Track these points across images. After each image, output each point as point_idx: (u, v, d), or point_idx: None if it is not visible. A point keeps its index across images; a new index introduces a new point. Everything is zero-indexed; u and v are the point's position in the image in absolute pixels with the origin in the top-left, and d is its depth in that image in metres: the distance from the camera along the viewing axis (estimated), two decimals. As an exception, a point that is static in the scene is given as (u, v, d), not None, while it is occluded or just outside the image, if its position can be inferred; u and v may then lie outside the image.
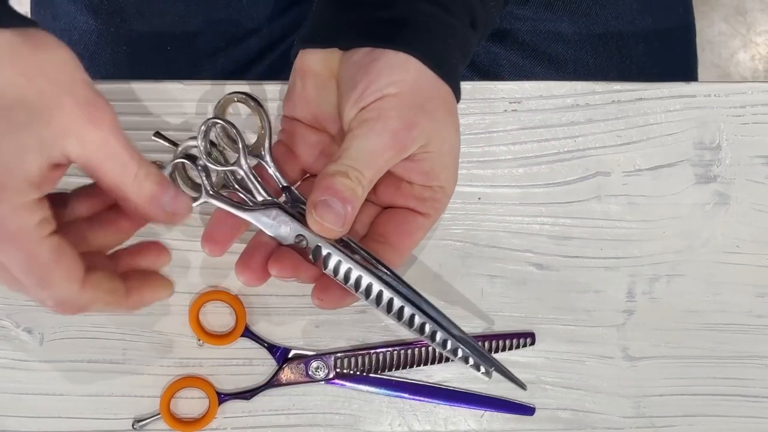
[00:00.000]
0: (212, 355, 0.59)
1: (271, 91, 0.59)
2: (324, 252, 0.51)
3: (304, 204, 0.52)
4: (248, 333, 0.59)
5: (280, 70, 0.81)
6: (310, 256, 0.52)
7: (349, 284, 0.52)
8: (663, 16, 0.75)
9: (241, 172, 0.53)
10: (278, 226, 0.52)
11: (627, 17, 0.73)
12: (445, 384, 0.60)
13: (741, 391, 0.61)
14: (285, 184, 0.54)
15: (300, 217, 0.52)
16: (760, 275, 0.61)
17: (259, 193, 0.53)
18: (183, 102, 0.58)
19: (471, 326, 0.60)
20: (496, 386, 0.60)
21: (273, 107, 0.59)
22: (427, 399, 0.60)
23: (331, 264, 0.51)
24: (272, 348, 0.59)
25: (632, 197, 0.60)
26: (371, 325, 0.60)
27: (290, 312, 0.60)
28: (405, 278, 0.52)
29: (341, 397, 0.60)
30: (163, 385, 0.59)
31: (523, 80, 0.60)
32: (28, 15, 0.65)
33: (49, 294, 0.47)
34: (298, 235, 0.52)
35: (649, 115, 0.60)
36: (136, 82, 0.58)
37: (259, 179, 0.53)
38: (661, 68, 0.75)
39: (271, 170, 0.54)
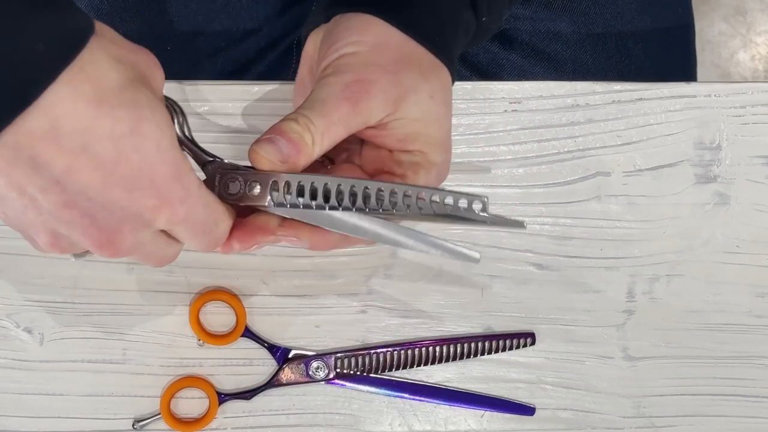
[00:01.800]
0: (212, 355, 0.59)
1: (271, 91, 0.59)
2: (272, 181, 0.49)
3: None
4: (248, 333, 0.59)
5: (280, 70, 0.81)
6: (269, 197, 0.49)
7: (303, 201, 0.49)
8: (662, 15, 0.75)
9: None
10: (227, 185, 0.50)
11: (626, 17, 0.73)
12: (445, 384, 0.60)
13: (741, 391, 0.61)
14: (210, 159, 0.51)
15: (245, 168, 0.50)
16: (760, 275, 0.61)
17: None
18: (183, 102, 0.58)
19: (471, 326, 0.60)
20: (497, 386, 0.61)
21: (273, 107, 0.59)
22: (427, 399, 0.60)
23: (281, 186, 0.49)
24: (272, 348, 0.59)
25: (632, 197, 0.60)
26: (371, 325, 0.60)
27: (290, 312, 0.60)
28: (404, 278, 0.52)
29: (341, 397, 0.60)
30: (163, 385, 0.60)
31: (522, 80, 0.60)
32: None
33: (214, 235, 0.48)
34: (249, 183, 0.49)
35: (649, 115, 0.60)
36: None
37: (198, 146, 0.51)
38: (660, 68, 0.75)
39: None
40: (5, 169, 0.41)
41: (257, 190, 0.49)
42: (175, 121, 0.50)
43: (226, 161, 0.50)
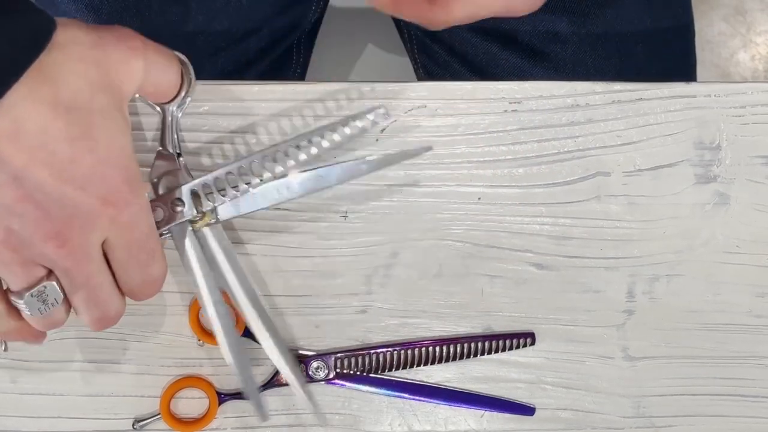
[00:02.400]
0: (212, 355, 0.59)
1: (271, 91, 0.59)
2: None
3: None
4: (248, 333, 0.59)
5: (280, 70, 0.81)
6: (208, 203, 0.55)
7: (232, 192, 0.55)
8: (662, 16, 0.75)
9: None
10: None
11: (626, 17, 0.73)
12: (445, 384, 0.60)
13: (741, 391, 0.61)
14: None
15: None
16: (760, 275, 0.61)
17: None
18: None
19: (471, 326, 0.60)
20: (497, 386, 0.61)
21: (273, 107, 0.59)
22: (427, 399, 0.60)
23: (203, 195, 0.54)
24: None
25: (632, 197, 0.60)
26: (371, 325, 0.60)
27: (290, 312, 0.60)
28: (404, 278, 0.52)
29: (341, 397, 0.60)
30: (163, 385, 0.60)
31: (522, 80, 0.60)
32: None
33: (148, 272, 0.52)
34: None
35: (649, 115, 0.60)
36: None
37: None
38: (660, 68, 0.75)
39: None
40: None
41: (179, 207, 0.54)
42: (183, 88, 0.54)
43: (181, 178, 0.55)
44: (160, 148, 0.55)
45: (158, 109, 0.55)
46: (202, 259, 0.55)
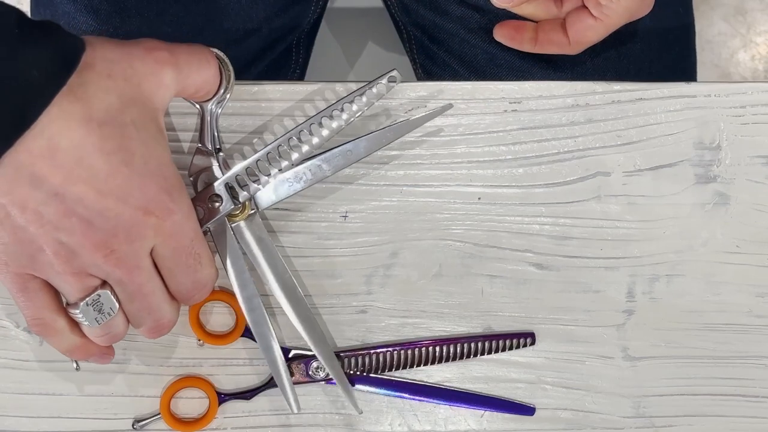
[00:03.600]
0: (212, 355, 0.59)
1: (271, 91, 0.59)
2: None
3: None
4: (248, 333, 0.59)
5: (279, 71, 0.81)
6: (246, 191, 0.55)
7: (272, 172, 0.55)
8: (662, 15, 0.75)
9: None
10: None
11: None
12: (445, 384, 0.60)
13: (741, 391, 0.61)
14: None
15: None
16: (760, 275, 0.61)
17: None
18: (183, 102, 0.58)
19: (471, 326, 0.60)
20: (497, 386, 0.61)
21: (272, 107, 0.59)
22: (427, 399, 0.60)
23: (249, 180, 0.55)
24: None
25: (632, 197, 0.60)
26: (371, 325, 0.60)
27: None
28: (404, 278, 0.53)
29: (341, 397, 0.60)
30: (163, 385, 0.60)
31: (522, 80, 0.60)
32: (28, 14, 0.65)
33: (197, 277, 0.52)
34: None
35: (649, 115, 0.60)
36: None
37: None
38: (660, 68, 0.75)
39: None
40: (8, 188, 0.46)
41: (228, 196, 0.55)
42: (222, 85, 0.54)
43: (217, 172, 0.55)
44: (199, 145, 0.56)
45: (198, 106, 0.55)
46: (239, 256, 0.56)
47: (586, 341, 0.61)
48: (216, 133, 0.56)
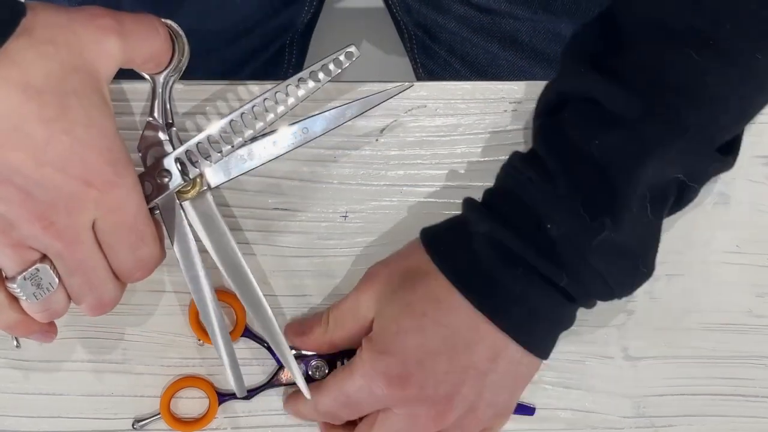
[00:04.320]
0: (212, 355, 0.59)
1: (260, 92, 0.58)
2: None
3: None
4: (248, 333, 0.59)
5: (272, 71, 0.81)
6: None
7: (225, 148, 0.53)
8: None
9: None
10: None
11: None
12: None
13: (741, 391, 0.61)
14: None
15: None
16: (760, 275, 0.61)
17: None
18: (176, 102, 0.58)
19: (471, 326, 0.60)
20: (496, 386, 0.61)
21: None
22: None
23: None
24: (272, 348, 0.59)
25: (632, 197, 0.60)
26: (371, 325, 0.60)
27: (290, 312, 0.60)
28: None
29: (341, 397, 0.60)
30: (163, 385, 0.59)
31: (522, 80, 0.60)
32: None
33: (139, 254, 0.51)
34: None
35: (649, 115, 0.60)
36: (128, 82, 0.57)
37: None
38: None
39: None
40: None
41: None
42: (174, 57, 0.53)
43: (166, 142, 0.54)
44: (150, 119, 0.54)
45: (149, 78, 0.54)
46: (186, 234, 0.55)
47: (586, 341, 0.61)
48: (168, 106, 0.54)
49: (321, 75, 0.53)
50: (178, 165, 0.53)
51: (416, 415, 0.54)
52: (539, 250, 0.52)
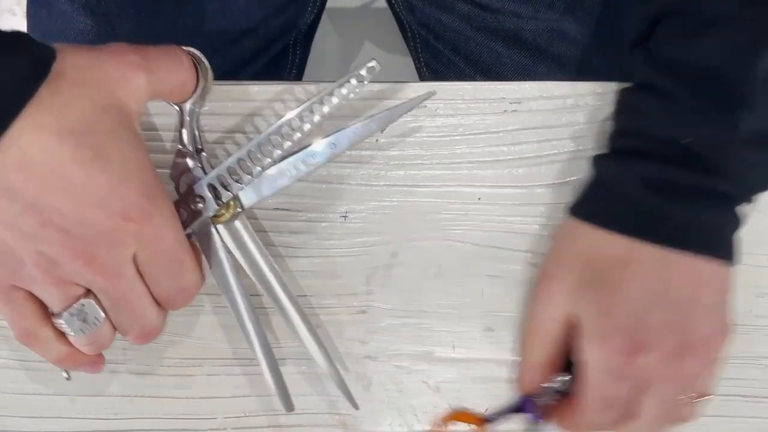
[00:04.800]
0: (213, 356, 0.59)
1: (266, 92, 0.59)
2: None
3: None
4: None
5: (275, 71, 0.81)
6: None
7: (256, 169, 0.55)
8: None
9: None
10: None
11: (630, 16, 0.73)
12: (445, 384, 0.60)
13: (741, 391, 0.61)
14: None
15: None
16: (760, 275, 0.61)
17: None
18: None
19: (471, 326, 0.60)
20: (497, 386, 0.60)
21: (274, 107, 0.59)
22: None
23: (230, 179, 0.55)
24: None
25: (632, 197, 0.60)
26: (371, 326, 0.60)
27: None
28: (404, 278, 0.52)
29: (341, 398, 0.60)
30: (164, 385, 0.59)
31: (525, 80, 0.60)
32: (24, 14, 0.66)
33: (181, 282, 0.52)
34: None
35: (650, 115, 0.60)
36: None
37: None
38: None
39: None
40: None
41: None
42: (199, 84, 0.54)
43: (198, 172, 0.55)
44: (180, 146, 0.55)
45: (176, 107, 0.55)
46: (224, 258, 0.56)
47: (587, 341, 0.61)
48: (196, 133, 0.55)
49: (344, 91, 0.54)
50: (211, 190, 0.54)
51: (672, 368, 0.54)
52: (690, 166, 0.53)
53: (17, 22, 1.43)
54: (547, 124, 0.60)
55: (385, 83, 0.59)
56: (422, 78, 0.83)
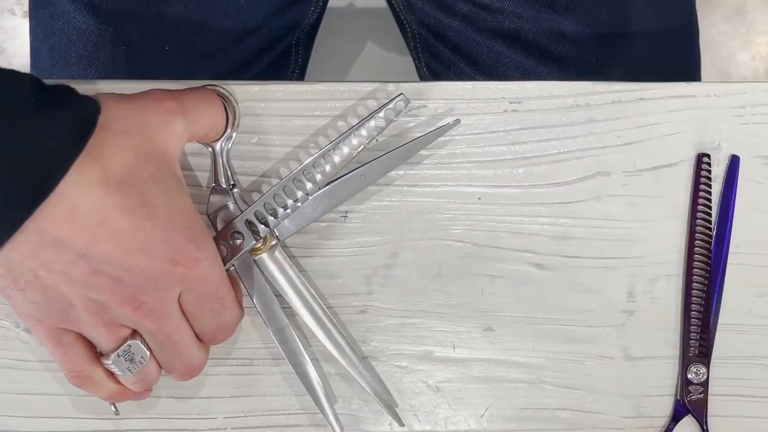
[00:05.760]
0: (212, 355, 0.59)
1: (269, 91, 0.59)
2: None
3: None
4: (248, 333, 0.59)
5: (278, 71, 0.81)
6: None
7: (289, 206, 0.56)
8: (667, 16, 0.75)
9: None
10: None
11: (631, 17, 0.73)
12: (445, 384, 0.60)
13: (741, 391, 0.61)
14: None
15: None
16: (760, 275, 0.61)
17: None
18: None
19: (471, 326, 0.60)
20: (497, 386, 0.60)
21: (274, 107, 0.59)
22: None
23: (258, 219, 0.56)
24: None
25: (632, 197, 0.60)
26: (371, 326, 0.60)
27: (289, 312, 0.60)
28: (404, 278, 0.52)
29: (341, 397, 0.60)
30: (164, 385, 0.59)
31: (525, 79, 0.60)
32: (26, 14, 0.66)
33: (221, 319, 0.53)
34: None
35: (650, 115, 0.60)
36: (134, 82, 0.58)
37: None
38: (664, 69, 0.75)
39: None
40: (34, 253, 0.46)
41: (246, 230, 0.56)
42: (228, 123, 0.56)
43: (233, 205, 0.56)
44: (214, 184, 0.56)
45: (208, 147, 0.56)
46: (265, 289, 0.57)
47: (586, 341, 0.61)
48: (229, 170, 0.57)
49: (373, 123, 0.55)
50: (248, 226, 0.55)
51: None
52: None
53: (17, 22, 1.43)
54: (547, 124, 0.60)
55: (384, 83, 0.59)
56: (422, 78, 0.83)
